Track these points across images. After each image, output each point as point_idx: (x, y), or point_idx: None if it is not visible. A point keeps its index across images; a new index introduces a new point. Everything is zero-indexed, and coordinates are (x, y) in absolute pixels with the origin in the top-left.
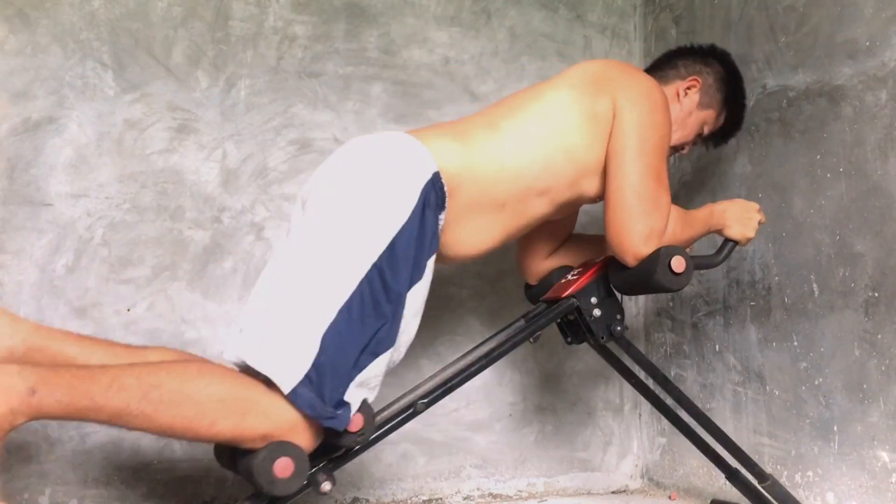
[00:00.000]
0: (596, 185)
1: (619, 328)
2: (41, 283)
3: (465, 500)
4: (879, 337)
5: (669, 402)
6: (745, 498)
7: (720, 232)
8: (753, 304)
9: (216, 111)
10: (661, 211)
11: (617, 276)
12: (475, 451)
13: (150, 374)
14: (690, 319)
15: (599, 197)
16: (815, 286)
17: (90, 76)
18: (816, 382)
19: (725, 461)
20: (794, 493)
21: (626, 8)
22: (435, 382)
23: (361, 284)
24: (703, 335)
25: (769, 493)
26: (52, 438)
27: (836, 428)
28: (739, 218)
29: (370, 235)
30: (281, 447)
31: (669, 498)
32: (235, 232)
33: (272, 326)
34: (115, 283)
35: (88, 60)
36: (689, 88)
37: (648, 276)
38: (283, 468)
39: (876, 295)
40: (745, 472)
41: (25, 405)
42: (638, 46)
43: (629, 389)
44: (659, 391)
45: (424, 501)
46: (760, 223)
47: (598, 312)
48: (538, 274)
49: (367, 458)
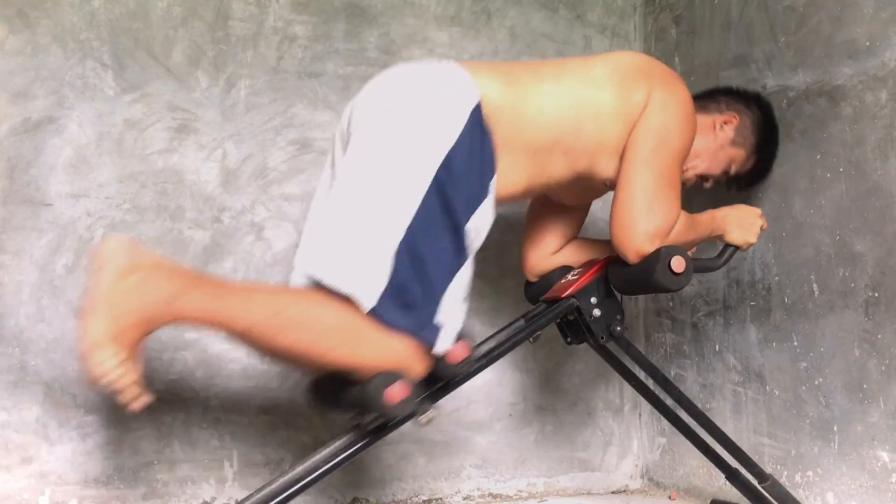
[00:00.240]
0: (613, 166)
1: (619, 328)
2: (41, 283)
3: (465, 500)
4: (879, 337)
5: (669, 402)
6: (745, 498)
7: (721, 237)
8: (753, 304)
9: (216, 111)
10: (668, 211)
11: (617, 275)
12: (475, 451)
13: (280, 296)
14: (690, 319)
15: (613, 181)
16: (815, 286)
17: (90, 76)
18: (816, 382)
19: (725, 461)
20: (794, 493)
21: (626, 8)
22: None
23: (424, 201)
24: (703, 335)
25: (769, 493)
26: (52, 438)
27: (836, 428)
28: (741, 223)
29: (424, 153)
30: (393, 374)
31: (669, 498)
32: (235, 232)
33: (345, 249)
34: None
35: (88, 60)
36: (725, 123)
37: (648, 275)
38: (395, 394)
39: (876, 295)
40: (745, 472)
41: (166, 311)
42: (638, 46)
43: (629, 389)
44: (659, 391)
45: (424, 501)
46: (762, 229)
47: (598, 312)
48: (540, 271)
49: (367, 458)
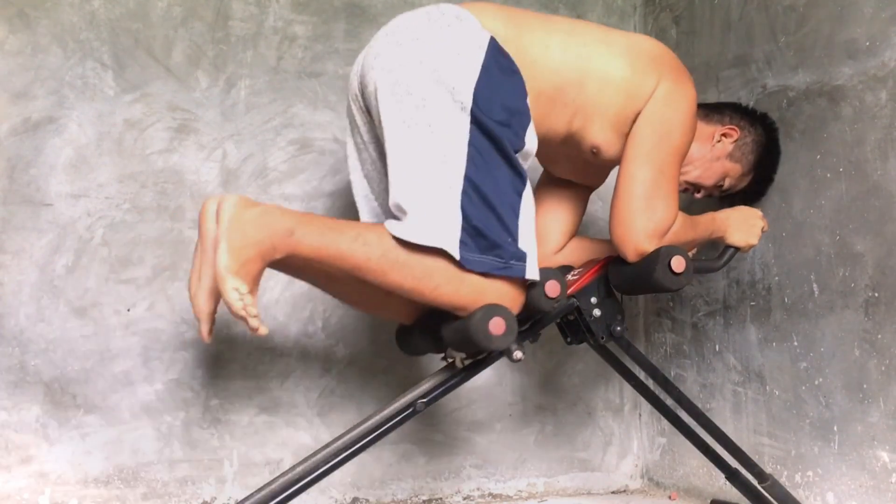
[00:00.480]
0: (604, 136)
1: (619, 328)
2: (41, 283)
3: (465, 500)
4: (879, 337)
5: (669, 402)
6: (745, 498)
7: (722, 239)
8: (753, 304)
9: (216, 111)
10: (667, 210)
11: (617, 275)
12: (475, 451)
13: (386, 237)
14: (690, 319)
15: (600, 150)
16: (815, 286)
17: (90, 76)
18: (816, 382)
19: (725, 461)
20: (794, 493)
21: (626, 8)
22: (435, 382)
23: (470, 146)
24: (703, 335)
25: (769, 493)
26: (52, 438)
27: (836, 428)
28: (742, 225)
29: (452, 98)
30: (493, 308)
31: (669, 498)
32: None
33: (414, 208)
34: (115, 283)
35: (88, 60)
36: (724, 135)
37: (648, 275)
38: (497, 325)
39: (876, 295)
40: (745, 472)
41: (284, 242)
42: None
43: (629, 389)
44: (659, 391)
45: (424, 501)
46: (763, 230)
47: (598, 312)
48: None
49: (367, 458)
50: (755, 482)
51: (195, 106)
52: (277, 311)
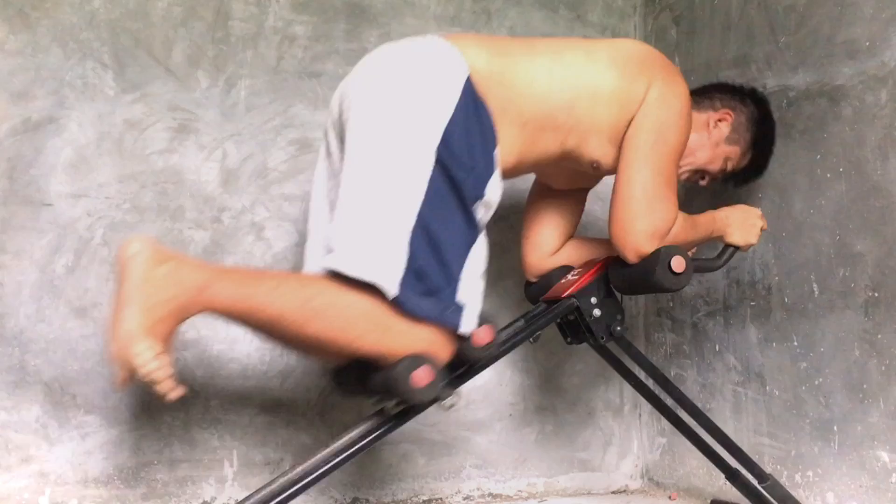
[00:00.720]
0: (602, 151)
1: (619, 328)
2: (41, 283)
3: (465, 500)
4: (879, 337)
5: (669, 402)
6: (745, 498)
7: (722, 238)
8: (753, 304)
9: (216, 111)
10: (667, 211)
11: (617, 275)
12: (475, 451)
13: (308, 284)
14: (690, 319)
15: (600, 164)
16: (815, 286)
17: (90, 76)
18: (816, 382)
19: (725, 461)
20: (794, 493)
21: (626, 8)
22: None
23: (431, 181)
24: (703, 335)
25: (769, 493)
26: (52, 438)
27: (836, 428)
28: (741, 224)
29: (420, 134)
30: (418, 358)
31: (669, 498)
32: (236, 232)
33: (359, 240)
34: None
35: (88, 60)
36: (720, 121)
37: (648, 275)
38: (420, 378)
39: (876, 295)
40: (745, 472)
41: (198, 299)
42: None
43: (629, 389)
44: (659, 391)
45: (424, 501)
46: (763, 229)
47: (598, 312)
48: (540, 271)
49: (367, 458)
50: (755, 482)
51: (195, 106)
52: None
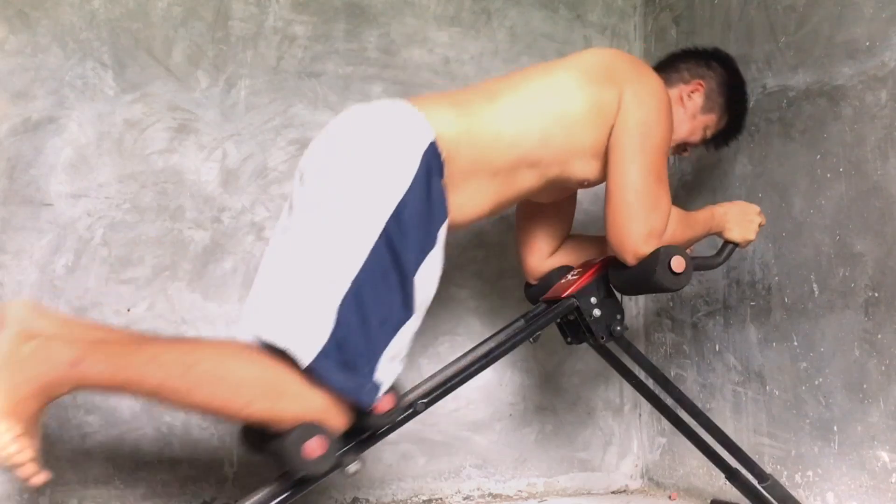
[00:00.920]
0: (588, 169)
1: (619, 328)
2: (41, 283)
3: (465, 500)
4: (879, 337)
5: (669, 402)
6: (745, 498)
7: (720, 234)
8: (753, 304)
9: (216, 111)
10: (661, 210)
11: (617, 276)
12: (475, 451)
13: (189, 352)
14: (690, 319)
15: (590, 181)
16: (815, 286)
17: (90, 76)
18: (816, 382)
19: (725, 461)
20: (794, 493)
21: (626, 8)
22: (435, 382)
23: (371, 255)
24: (703, 335)
25: (769, 493)
26: (52, 438)
27: (836, 428)
28: (740, 221)
29: (374, 204)
30: (311, 428)
31: (669, 498)
32: (235, 232)
33: (285, 302)
34: (115, 283)
35: (88, 60)
36: (692, 92)
37: (648, 275)
38: (313, 449)
39: (876, 295)
40: (745, 472)
41: (69, 375)
42: (638, 46)
43: (629, 389)
44: (659, 391)
45: (424, 501)
46: (761, 226)
47: (597, 312)
48: (539, 273)
49: (367, 458)
50: (755, 482)
51: (195, 106)
52: None
